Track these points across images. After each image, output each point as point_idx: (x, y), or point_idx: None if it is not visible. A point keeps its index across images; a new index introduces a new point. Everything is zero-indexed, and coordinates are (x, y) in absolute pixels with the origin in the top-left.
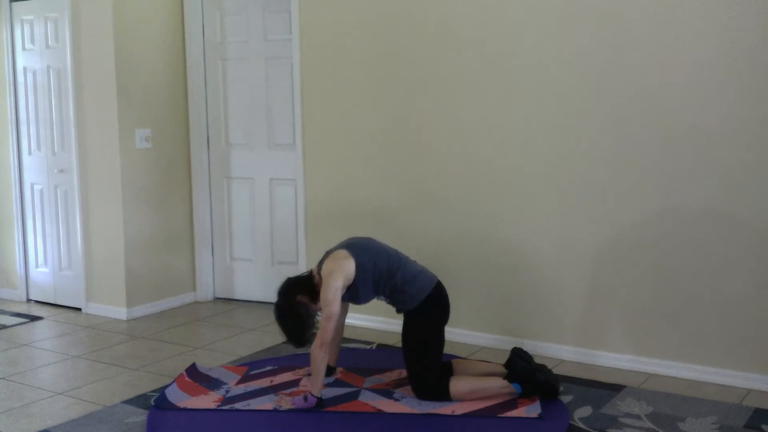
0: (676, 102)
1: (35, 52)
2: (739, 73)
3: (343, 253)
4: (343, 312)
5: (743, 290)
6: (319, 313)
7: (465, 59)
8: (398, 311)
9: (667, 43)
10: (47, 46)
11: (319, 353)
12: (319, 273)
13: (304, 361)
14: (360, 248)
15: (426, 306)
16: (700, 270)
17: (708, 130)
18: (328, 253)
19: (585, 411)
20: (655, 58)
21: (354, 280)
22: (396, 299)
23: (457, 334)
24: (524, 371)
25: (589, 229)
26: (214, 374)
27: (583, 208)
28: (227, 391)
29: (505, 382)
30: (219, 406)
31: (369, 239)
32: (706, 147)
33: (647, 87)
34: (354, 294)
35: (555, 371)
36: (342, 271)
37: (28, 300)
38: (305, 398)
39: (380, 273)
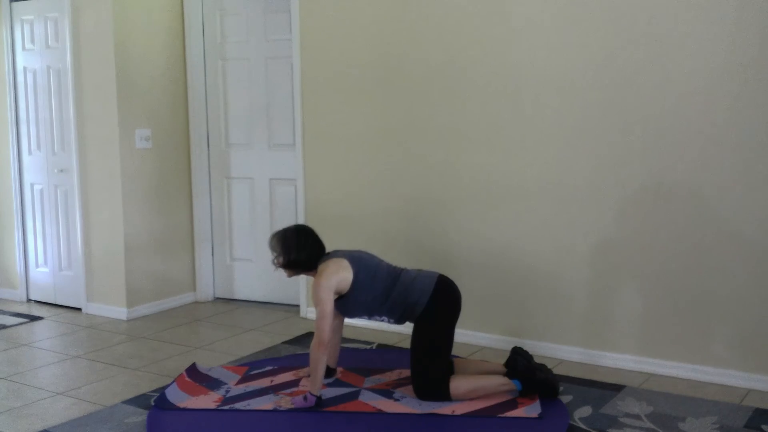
0: (678, 105)
1: (35, 52)
2: (742, 75)
3: (345, 262)
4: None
5: (743, 290)
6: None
7: (466, 60)
8: (410, 321)
9: (667, 49)
10: (47, 46)
11: (317, 353)
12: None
13: (304, 361)
14: (361, 262)
15: (431, 307)
16: (701, 270)
17: (710, 134)
18: (336, 252)
19: (585, 411)
20: (656, 63)
21: (347, 292)
22: (401, 315)
23: (458, 334)
24: (525, 369)
25: (590, 230)
26: (214, 374)
27: (584, 209)
28: (227, 391)
29: (505, 379)
30: (219, 406)
31: (370, 256)
32: (707, 151)
33: (648, 89)
34: (343, 305)
35: (555, 371)
36: (336, 275)
37: (28, 300)
38: (305, 398)
39: (378, 291)
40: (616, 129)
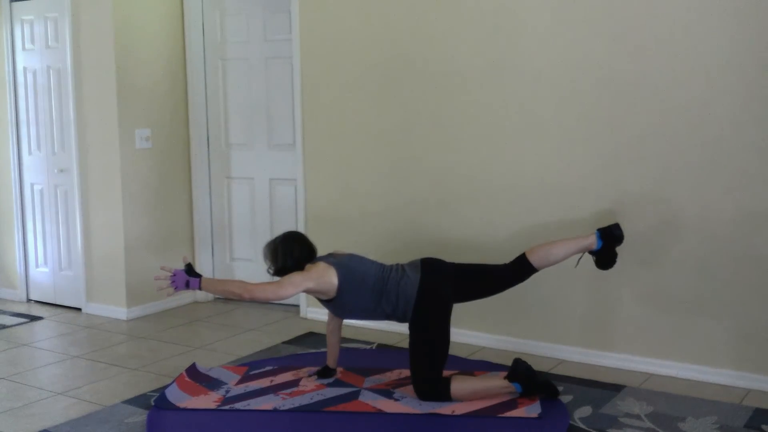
0: (676, 108)
1: (35, 52)
2: (742, 79)
3: (331, 269)
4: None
5: (743, 290)
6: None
7: (466, 61)
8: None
9: (666, 50)
10: (47, 46)
11: (238, 288)
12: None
13: (304, 361)
14: (348, 271)
15: (417, 312)
16: (700, 270)
17: (709, 137)
18: (327, 257)
19: (585, 411)
20: (655, 65)
21: (334, 297)
22: (398, 318)
23: (458, 335)
24: (527, 371)
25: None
26: (214, 374)
27: (584, 209)
28: (227, 391)
29: (505, 382)
30: (219, 406)
31: (359, 262)
32: (707, 153)
33: (647, 91)
34: (333, 308)
35: (555, 371)
36: (318, 277)
37: (28, 300)
38: (187, 283)
39: (366, 299)
40: (615, 130)
